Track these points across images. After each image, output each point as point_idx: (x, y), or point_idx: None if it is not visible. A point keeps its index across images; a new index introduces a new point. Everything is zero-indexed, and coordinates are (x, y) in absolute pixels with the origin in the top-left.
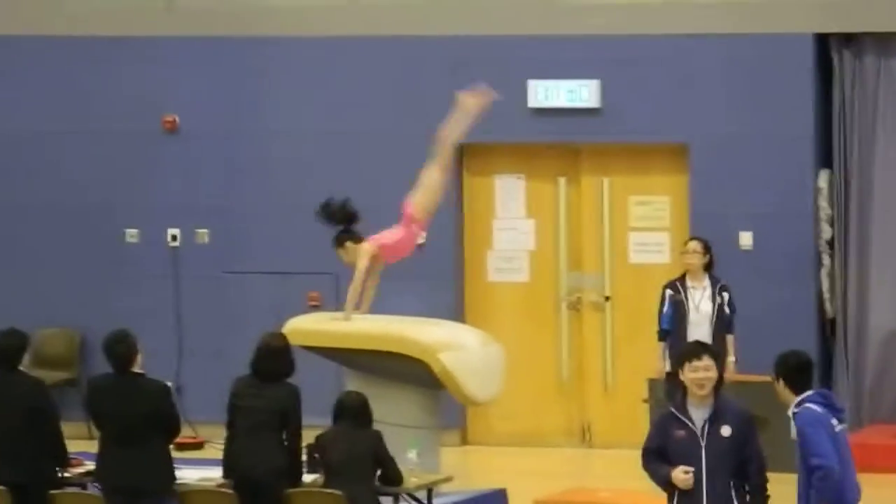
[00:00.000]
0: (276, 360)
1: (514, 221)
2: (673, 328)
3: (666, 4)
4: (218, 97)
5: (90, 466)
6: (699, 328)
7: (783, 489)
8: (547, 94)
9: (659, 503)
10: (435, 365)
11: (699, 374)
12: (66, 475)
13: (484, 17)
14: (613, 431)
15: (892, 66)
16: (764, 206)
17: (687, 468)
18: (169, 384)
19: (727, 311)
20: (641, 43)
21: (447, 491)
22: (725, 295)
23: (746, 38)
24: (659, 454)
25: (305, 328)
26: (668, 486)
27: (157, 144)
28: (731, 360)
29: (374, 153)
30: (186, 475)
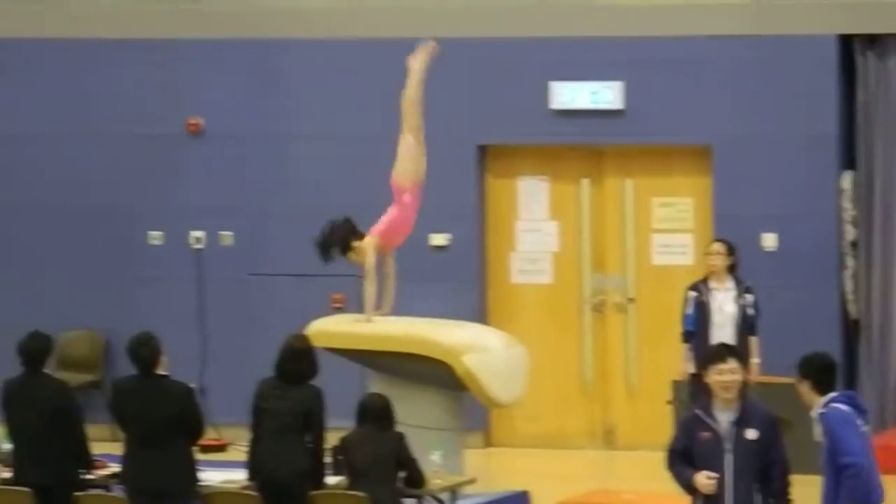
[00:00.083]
0: (299, 362)
1: (537, 223)
2: (696, 330)
3: (689, 6)
4: (242, 100)
5: (114, 468)
6: (723, 330)
7: (806, 491)
8: (570, 95)
9: None
10: (458, 367)
11: (725, 376)
12: (90, 477)
13: (506, 18)
14: (637, 433)
15: None
16: (787, 207)
17: (710, 474)
18: (193, 386)
19: (751, 312)
20: (665, 44)
21: (470, 493)
22: (749, 296)
23: (770, 39)
24: (684, 456)
25: (329, 330)
26: (691, 489)
27: (181, 147)
28: (754, 361)
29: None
30: (210, 477)
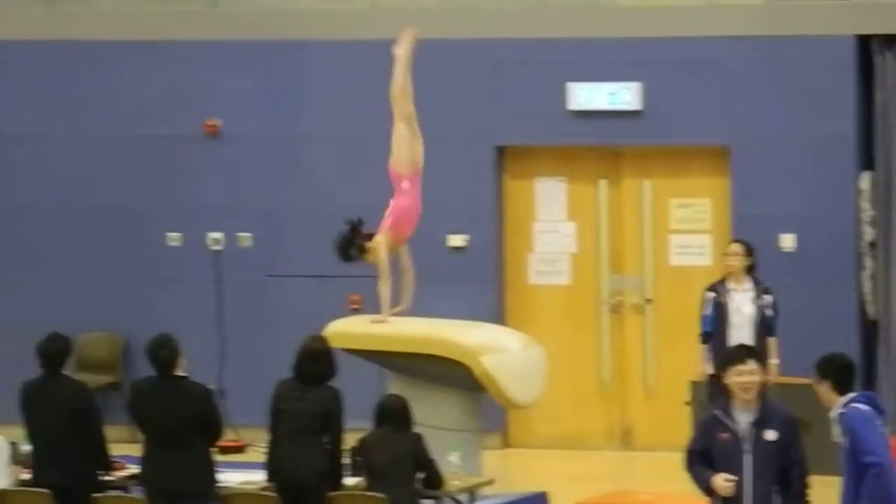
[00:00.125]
0: (318, 363)
1: (555, 224)
2: (715, 331)
3: (707, 6)
4: (259, 101)
5: (133, 470)
6: (741, 331)
7: (825, 492)
8: (588, 96)
9: None
10: (476, 368)
11: (744, 378)
12: (109, 478)
13: (524, 19)
14: (655, 434)
15: None
16: (805, 208)
17: (728, 476)
18: (211, 387)
19: (769, 313)
20: (683, 45)
21: (489, 494)
22: (768, 297)
23: (788, 40)
24: (702, 457)
25: (347, 331)
26: (709, 491)
27: (199, 149)
28: (773, 362)
29: None
30: (229, 478)
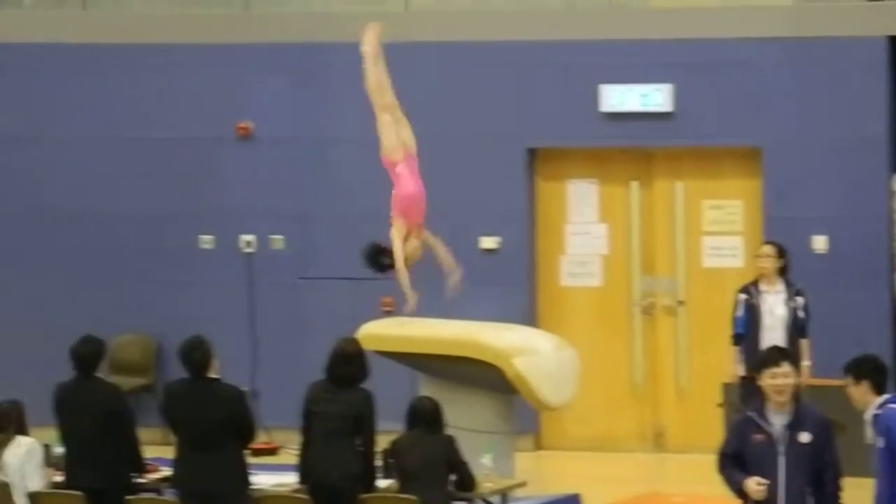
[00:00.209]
0: (350, 365)
1: (586, 226)
2: (747, 332)
3: (738, 8)
4: (292, 104)
5: (166, 472)
6: (773, 332)
7: (858, 494)
8: (620, 98)
9: None
10: (508, 370)
11: (778, 380)
12: (141, 481)
13: (556, 22)
14: (687, 436)
15: None
16: (837, 209)
17: (761, 480)
18: (244, 389)
19: (802, 315)
20: (714, 47)
21: (521, 496)
22: (800, 299)
23: (820, 41)
24: (735, 459)
25: (379, 333)
26: (741, 494)
27: (231, 151)
28: (805, 364)
29: (444, 158)
30: (261, 481)
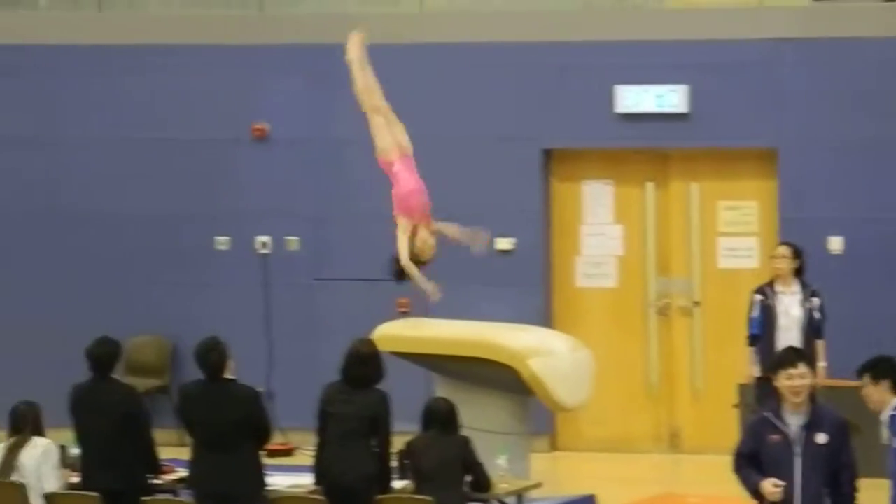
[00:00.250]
0: (365, 366)
1: (602, 227)
2: (762, 333)
3: (754, 9)
4: (307, 105)
5: (182, 473)
6: (789, 333)
7: (874, 495)
8: (635, 99)
9: None
10: (524, 371)
11: (795, 381)
12: (158, 482)
13: (571, 23)
14: (703, 437)
15: None
16: (853, 210)
17: (777, 482)
18: (260, 390)
19: (817, 316)
20: (730, 47)
21: (537, 497)
22: (816, 300)
23: (835, 41)
24: (751, 459)
25: (395, 334)
26: (757, 495)
27: (246, 152)
28: (821, 365)
29: (459, 159)
30: (277, 482)
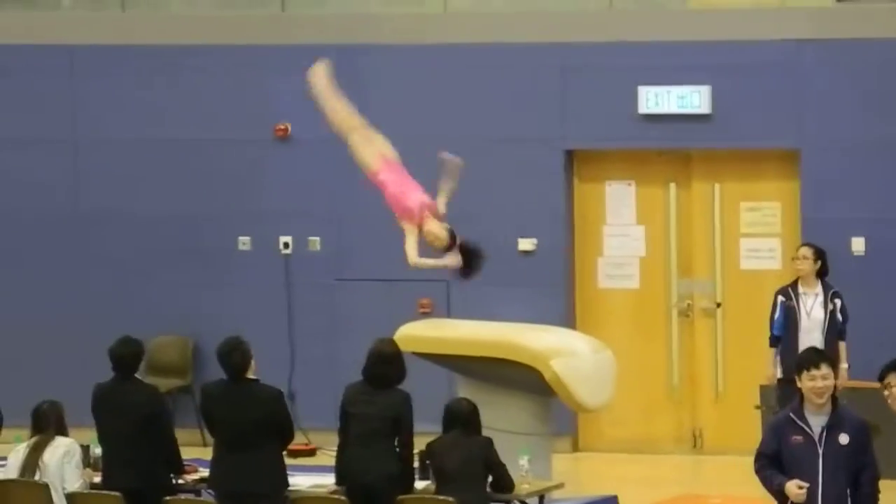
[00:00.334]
0: (387, 366)
1: (624, 228)
2: (784, 334)
3: (777, 9)
4: None
5: (204, 473)
6: (811, 335)
7: (895, 496)
8: (657, 100)
9: None
10: (546, 372)
11: (817, 382)
12: (179, 481)
13: (594, 23)
14: (724, 438)
15: None
16: (876, 211)
17: (802, 483)
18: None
19: (839, 317)
20: (752, 48)
21: (559, 498)
22: (838, 301)
23: (857, 42)
24: (773, 460)
25: (417, 335)
26: (780, 495)
27: (269, 152)
28: (843, 366)
29: (483, 160)
30: (299, 482)
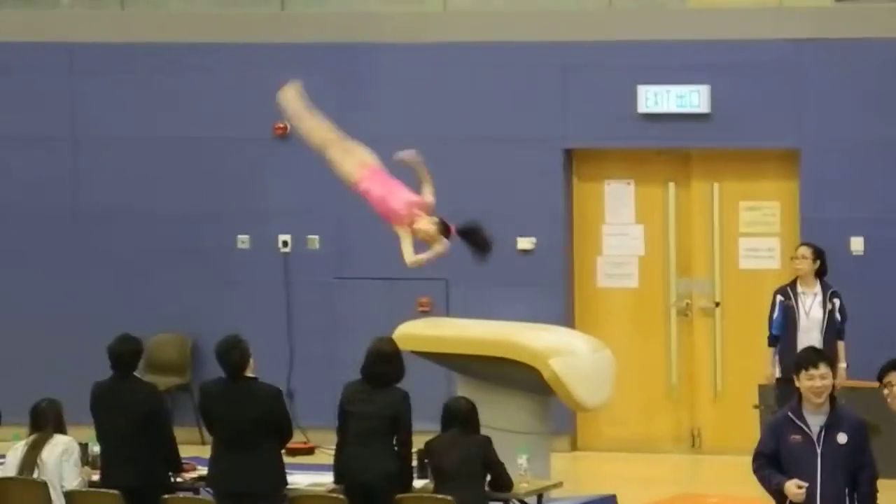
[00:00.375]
0: (386, 365)
1: (623, 227)
2: (783, 334)
3: (776, 9)
4: (329, 104)
5: (202, 471)
6: (809, 334)
7: (893, 496)
8: (657, 99)
9: None
10: (545, 371)
11: (816, 382)
12: (178, 480)
13: (593, 22)
14: (723, 437)
15: None
16: (875, 211)
17: (801, 483)
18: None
19: (838, 317)
20: (752, 48)
21: (557, 497)
22: (836, 301)
23: (857, 42)
24: (771, 459)
25: (416, 333)
26: (778, 495)
27: (268, 151)
28: (842, 366)
29: (483, 159)
30: (297, 480)
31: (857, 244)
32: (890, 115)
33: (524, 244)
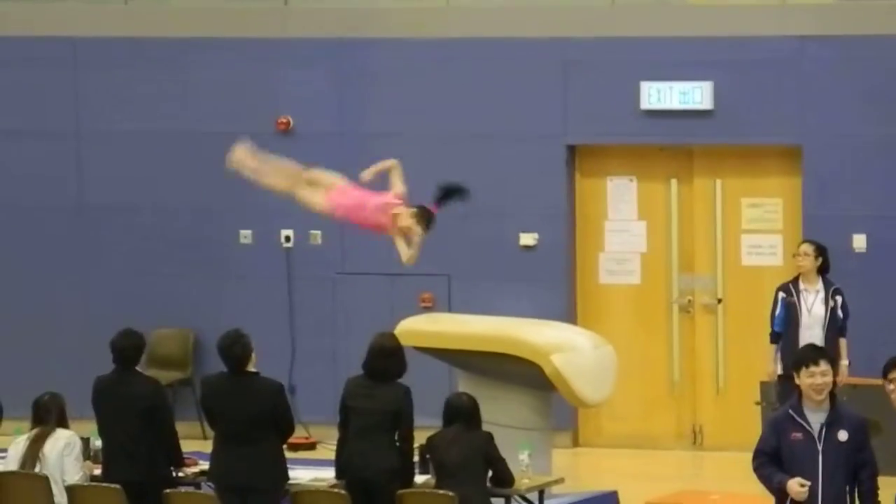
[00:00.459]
0: (388, 360)
1: (625, 223)
2: (785, 331)
3: (780, 5)
4: (331, 98)
5: (204, 466)
6: (811, 331)
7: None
8: (659, 95)
9: None
10: (547, 366)
11: (816, 379)
12: (180, 474)
13: (596, 18)
14: (725, 434)
15: None
16: (878, 208)
17: (803, 481)
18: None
19: (840, 314)
20: (754, 44)
21: (559, 492)
22: (839, 298)
23: (860, 39)
24: (772, 457)
25: (417, 329)
26: (780, 493)
27: (271, 145)
28: (844, 363)
29: (485, 154)
30: (299, 475)
31: (859, 241)
32: (893, 111)
33: (526, 240)
